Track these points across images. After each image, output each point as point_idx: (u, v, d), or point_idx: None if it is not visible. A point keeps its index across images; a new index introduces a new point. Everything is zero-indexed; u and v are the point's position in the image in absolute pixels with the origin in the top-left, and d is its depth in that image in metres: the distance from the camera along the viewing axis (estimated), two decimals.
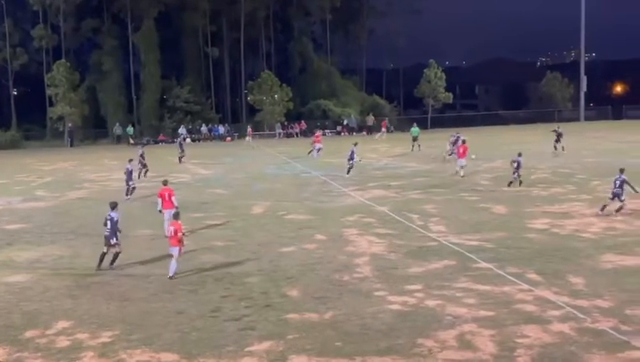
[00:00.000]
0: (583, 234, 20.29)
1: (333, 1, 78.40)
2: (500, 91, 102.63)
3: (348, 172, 34.60)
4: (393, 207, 25.73)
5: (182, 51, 75.00)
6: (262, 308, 14.37)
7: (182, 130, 64.03)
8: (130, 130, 65.88)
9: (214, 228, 23.27)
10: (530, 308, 13.81)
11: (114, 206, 18.11)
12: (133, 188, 29.55)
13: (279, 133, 68.72)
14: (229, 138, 67.23)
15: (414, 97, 79.70)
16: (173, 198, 21.43)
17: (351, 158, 34.59)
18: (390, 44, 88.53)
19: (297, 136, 68.76)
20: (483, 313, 13.55)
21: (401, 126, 71.49)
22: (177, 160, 44.16)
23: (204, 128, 68.31)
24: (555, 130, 42.68)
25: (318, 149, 44.88)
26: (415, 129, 48.35)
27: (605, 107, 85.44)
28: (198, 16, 72.10)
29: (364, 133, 69.12)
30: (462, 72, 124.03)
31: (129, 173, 29.56)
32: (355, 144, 35.84)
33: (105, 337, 13.02)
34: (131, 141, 63.28)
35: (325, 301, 14.70)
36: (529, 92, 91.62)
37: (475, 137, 48.82)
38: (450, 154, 39.52)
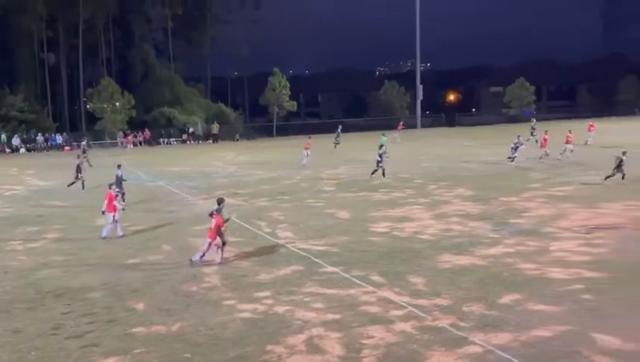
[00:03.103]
0: (422, 236, 21.21)
1: (174, 9, 77.34)
2: (342, 99, 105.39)
3: (373, 173, 34.44)
4: (241, 214, 25.67)
5: (15, 57, 71.02)
6: (106, 324, 13.84)
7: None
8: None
9: (52, 241, 22.13)
10: (374, 309, 14.25)
11: (219, 201, 18.79)
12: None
13: (121, 142, 66.65)
14: (67, 147, 64.37)
15: (260, 105, 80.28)
16: (114, 202, 21.97)
17: (380, 161, 34.57)
18: (234, 53, 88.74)
19: (141, 145, 67.07)
20: (330, 316, 13.83)
21: (247, 134, 71.72)
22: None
23: (40, 137, 64.96)
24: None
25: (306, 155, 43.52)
26: (384, 138, 46.35)
27: (439, 115, 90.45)
28: (33, 20, 68.55)
29: (210, 141, 68.74)
30: (305, 80, 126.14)
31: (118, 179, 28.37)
32: (381, 146, 35.95)
33: None
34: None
35: (172, 313, 14.41)
36: (369, 100, 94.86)
37: (319, 145, 49.85)
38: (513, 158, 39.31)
